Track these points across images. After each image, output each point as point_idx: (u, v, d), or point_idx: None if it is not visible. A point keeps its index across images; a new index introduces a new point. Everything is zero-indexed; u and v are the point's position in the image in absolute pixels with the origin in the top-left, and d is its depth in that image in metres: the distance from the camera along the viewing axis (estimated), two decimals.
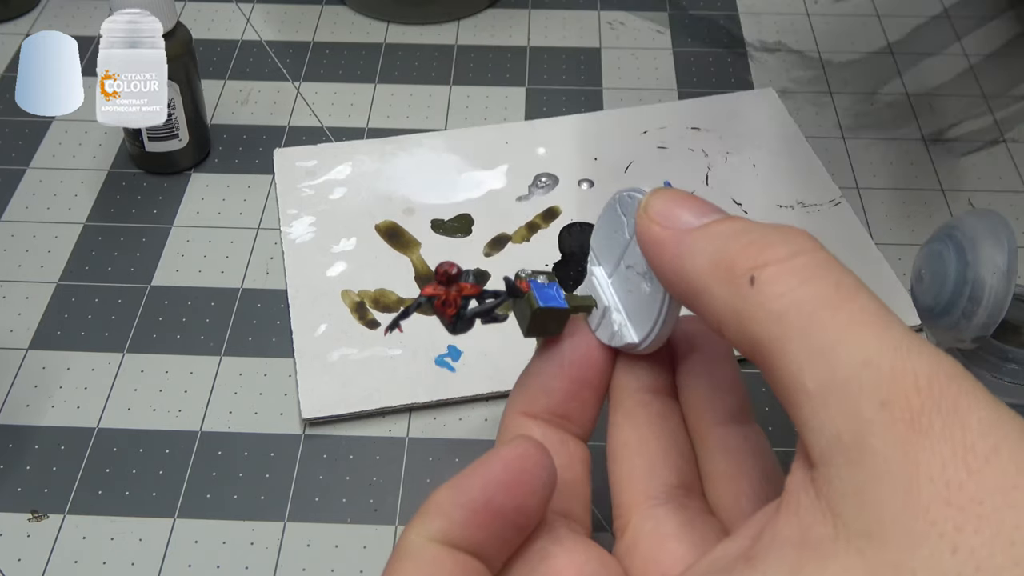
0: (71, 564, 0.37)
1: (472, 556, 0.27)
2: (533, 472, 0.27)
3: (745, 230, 0.26)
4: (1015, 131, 0.55)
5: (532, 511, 0.27)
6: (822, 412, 0.23)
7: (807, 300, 0.24)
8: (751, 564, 0.23)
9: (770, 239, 0.25)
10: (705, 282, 0.26)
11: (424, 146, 0.52)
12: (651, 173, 0.51)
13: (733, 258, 0.25)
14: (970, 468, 0.21)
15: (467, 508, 0.26)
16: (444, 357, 0.43)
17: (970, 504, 0.20)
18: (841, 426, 0.22)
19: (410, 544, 0.26)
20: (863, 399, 0.22)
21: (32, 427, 0.41)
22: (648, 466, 0.30)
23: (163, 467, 0.40)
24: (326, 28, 0.61)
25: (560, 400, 0.31)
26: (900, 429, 0.21)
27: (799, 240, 0.25)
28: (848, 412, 0.22)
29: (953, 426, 0.21)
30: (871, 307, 0.24)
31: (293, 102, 0.56)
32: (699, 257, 0.26)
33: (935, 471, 0.21)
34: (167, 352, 0.44)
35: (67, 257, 0.48)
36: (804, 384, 0.23)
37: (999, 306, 0.35)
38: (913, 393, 0.22)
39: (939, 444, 0.21)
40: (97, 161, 0.52)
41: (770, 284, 0.24)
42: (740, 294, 0.25)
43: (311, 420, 0.41)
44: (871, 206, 0.50)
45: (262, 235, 0.49)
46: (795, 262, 0.25)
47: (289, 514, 0.39)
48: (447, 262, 0.31)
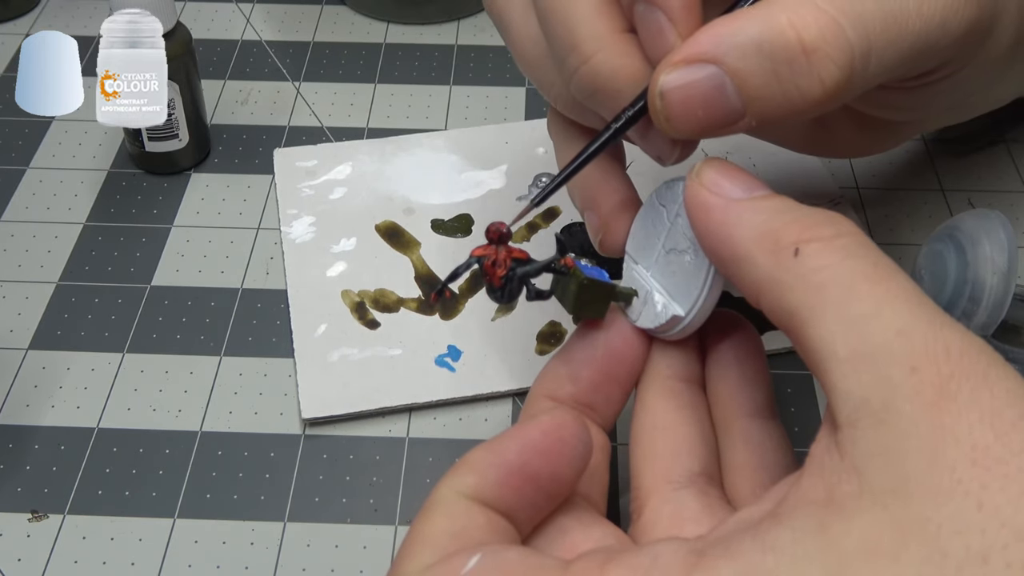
0: (71, 564, 0.37)
1: (502, 516, 0.27)
2: (570, 443, 0.27)
3: (792, 207, 0.27)
4: (1015, 131, 0.54)
5: (565, 480, 0.28)
6: (852, 377, 0.23)
7: (847, 273, 0.25)
8: (778, 520, 0.23)
9: (815, 219, 0.26)
10: (749, 250, 0.27)
11: (424, 146, 0.52)
12: (651, 173, 0.51)
13: (779, 231, 0.26)
14: (996, 431, 0.21)
15: (502, 469, 0.27)
16: (444, 357, 0.43)
17: (996, 464, 0.21)
18: (870, 390, 0.23)
19: (441, 496, 0.27)
20: (894, 365, 0.23)
21: (32, 427, 0.41)
22: (672, 451, 0.31)
23: (163, 467, 0.40)
24: (326, 28, 0.61)
25: (586, 389, 0.32)
26: (929, 393, 0.22)
27: (843, 223, 0.26)
28: (878, 377, 0.23)
29: (981, 392, 0.22)
30: (907, 285, 0.25)
31: (293, 102, 0.56)
32: (746, 226, 0.27)
33: (962, 432, 0.22)
34: (167, 352, 0.44)
35: (67, 257, 0.48)
36: (836, 351, 0.24)
37: (999, 306, 0.35)
38: (944, 361, 0.23)
39: (966, 408, 0.22)
40: (97, 161, 0.52)
41: (813, 257, 0.25)
42: (783, 265, 0.26)
43: (311, 420, 0.41)
44: (871, 206, 0.50)
45: (262, 235, 0.49)
46: (838, 241, 0.26)
47: (289, 514, 0.39)
48: (498, 222, 0.31)
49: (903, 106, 0.35)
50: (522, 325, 0.44)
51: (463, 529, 0.26)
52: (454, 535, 0.26)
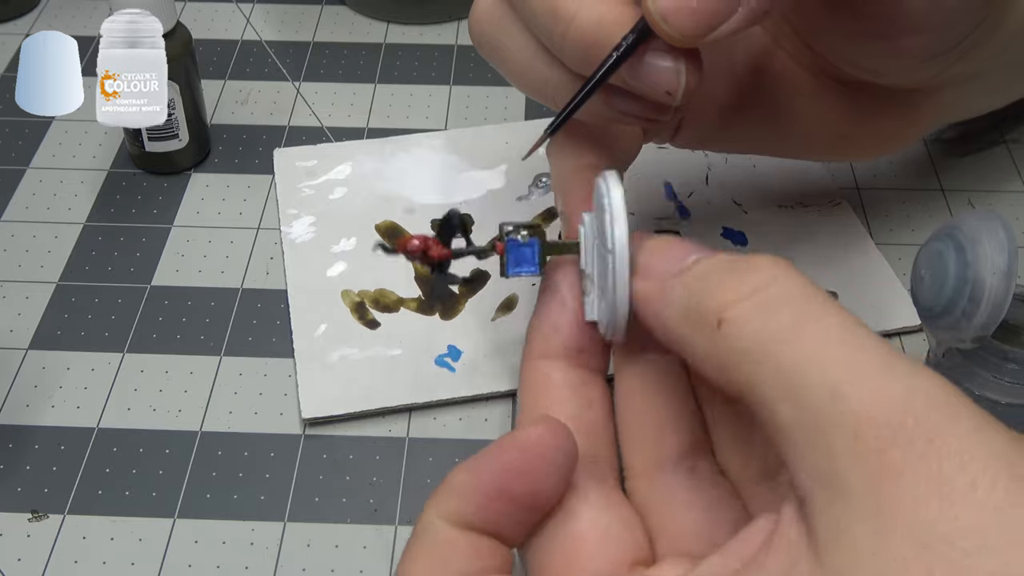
0: (71, 564, 0.37)
1: (488, 535, 0.27)
2: (550, 457, 0.27)
3: (716, 268, 0.26)
4: (1015, 131, 0.54)
5: (548, 494, 0.27)
6: (800, 447, 0.22)
7: (770, 337, 0.23)
8: None
9: (737, 274, 0.25)
10: (681, 332, 0.26)
11: (424, 146, 0.52)
12: (651, 173, 0.51)
13: (702, 303, 0.25)
14: (944, 507, 0.20)
15: (480, 494, 0.27)
16: (444, 357, 0.43)
17: (943, 546, 0.20)
18: (818, 462, 0.22)
19: (426, 524, 0.27)
20: (835, 432, 0.21)
21: (32, 427, 0.41)
22: (657, 430, 0.30)
23: (163, 467, 0.40)
24: (326, 28, 0.61)
25: (571, 333, 0.31)
26: (873, 464, 0.21)
27: (764, 271, 0.25)
28: (822, 447, 0.22)
29: (929, 458, 0.20)
30: (836, 332, 0.23)
31: (293, 102, 0.56)
32: (674, 307, 0.26)
33: (907, 511, 0.20)
34: (167, 352, 0.44)
35: (67, 257, 0.48)
36: (779, 421, 0.23)
37: (999, 306, 0.35)
38: (884, 423, 0.21)
39: (913, 480, 0.20)
40: (97, 161, 0.52)
41: (735, 324, 0.24)
42: (711, 340, 0.24)
43: (311, 420, 0.41)
44: (871, 206, 0.50)
45: (262, 235, 0.49)
46: (758, 297, 0.24)
47: (289, 514, 0.39)
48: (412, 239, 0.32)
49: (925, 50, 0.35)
50: (522, 325, 0.44)
51: (443, 561, 0.26)
52: (434, 569, 0.26)
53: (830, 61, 0.38)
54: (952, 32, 0.35)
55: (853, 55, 0.37)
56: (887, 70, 0.37)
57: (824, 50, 0.38)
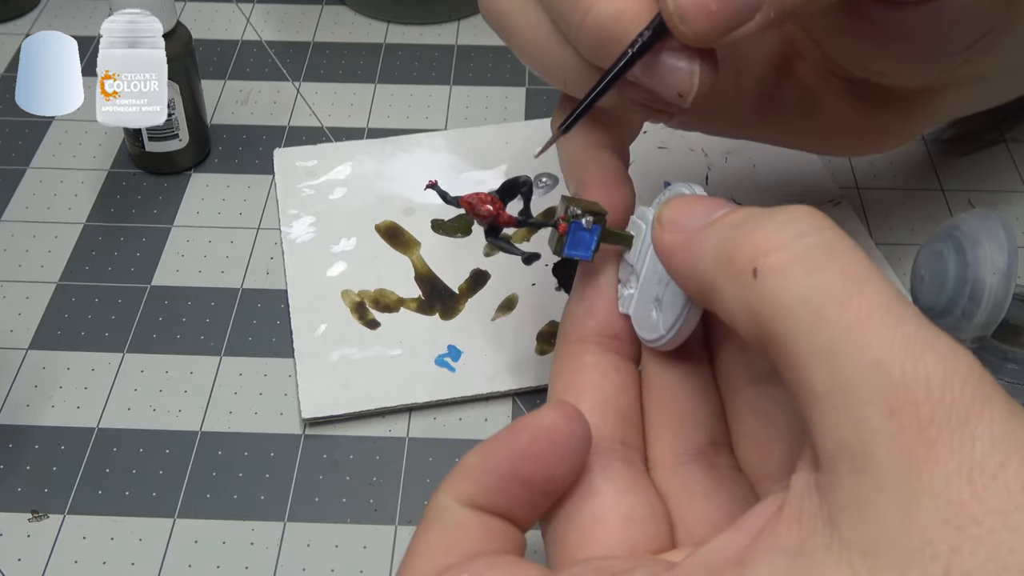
0: (71, 564, 0.37)
1: (500, 518, 0.27)
2: (561, 443, 0.27)
3: (748, 218, 0.25)
4: (1015, 130, 0.54)
5: (561, 478, 0.27)
6: (829, 416, 0.22)
7: (811, 294, 0.22)
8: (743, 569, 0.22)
9: (773, 223, 0.24)
10: (712, 280, 0.25)
11: (424, 146, 0.52)
12: (651, 173, 0.51)
13: (734, 251, 0.24)
14: (974, 486, 0.20)
15: (494, 476, 0.27)
16: (444, 357, 0.43)
17: (969, 524, 0.20)
18: (848, 433, 0.21)
19: (438, 506, 0.27)
20: (870, 405, 0.21)
21: (32, 427, 0.41)
22: (678, 422, 0.30)
23: (163, 467, 0.40)
24: (326, 28, 0.61)
25: (605, 319, 0.31)
26: (907, 440, 0.20)
27: (803, 221, 0.24)
28: (855, 418, 0.21)
29: (962, 438, 0.20)
30: (881, 300, 0.22)
31: (293, 102, 0.56)
32: (705, 255, 0.26)
33: (937, 488, 0.20)
34: (167, 352, 0.44)
35: (67, 257, 0.48)
36: (812, 386, 0.22)
37: (999, 306, 0.35)
38: (923, 400, 0.21)
39: (945, 458, 0.20)
40: (97, 161, 0.52)
41: (773, 275, 0.23)
42: (745, 288, 0.24)
43: (311, 420, 0.41)
44: (871, 206, 0.50)
45: (262, 235, 0.49)
46: (798, 248, 0.23)
47: (289, 514, 0.39)
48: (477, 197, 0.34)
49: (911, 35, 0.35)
50: (522, 325, 0.44)
51: (455, 542, 0.26)
52: (446, 549, 0.26)
53: (836, 61, 0.38)
54: (959, 40, 0.35)
55: (862, 58, 0.37)
56: (893, 72, 0.37)
57: (832, 51, 0.38)
